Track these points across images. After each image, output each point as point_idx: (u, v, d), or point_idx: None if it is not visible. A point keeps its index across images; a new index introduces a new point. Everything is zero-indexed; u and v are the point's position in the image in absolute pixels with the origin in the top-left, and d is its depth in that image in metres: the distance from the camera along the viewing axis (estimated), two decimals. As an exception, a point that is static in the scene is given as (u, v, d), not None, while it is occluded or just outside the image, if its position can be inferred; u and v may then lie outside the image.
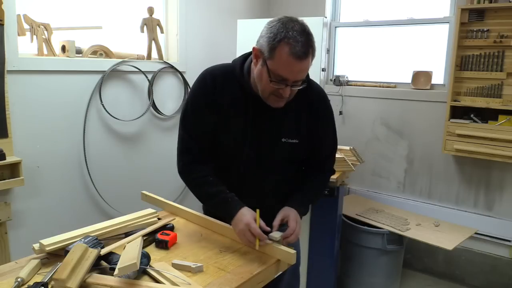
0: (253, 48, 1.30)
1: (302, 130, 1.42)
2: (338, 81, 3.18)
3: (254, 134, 1.39)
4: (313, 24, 2.64)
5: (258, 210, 1.31)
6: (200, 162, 1.42)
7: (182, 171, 1.44)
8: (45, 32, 2.11)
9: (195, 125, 1.41)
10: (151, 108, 2.64)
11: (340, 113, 3.20)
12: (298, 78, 1.26)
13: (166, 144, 2.82)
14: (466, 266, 2.85)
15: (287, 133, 1.40)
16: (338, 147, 1.78)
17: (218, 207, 1.38)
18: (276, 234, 1.29)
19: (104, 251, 1.17)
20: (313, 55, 1.26)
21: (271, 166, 1.44)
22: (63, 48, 2.19)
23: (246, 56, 1.42)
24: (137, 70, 2.49)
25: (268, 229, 1.31)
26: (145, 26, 2.53)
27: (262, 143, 1.40)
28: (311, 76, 1.42)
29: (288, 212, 1.38)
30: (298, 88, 1.29)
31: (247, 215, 1.29)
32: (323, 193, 1.62)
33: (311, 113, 1.42)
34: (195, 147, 1.41)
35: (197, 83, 1.43)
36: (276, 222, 1.34)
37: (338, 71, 3.31)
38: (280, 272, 1.31)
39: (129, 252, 1.10)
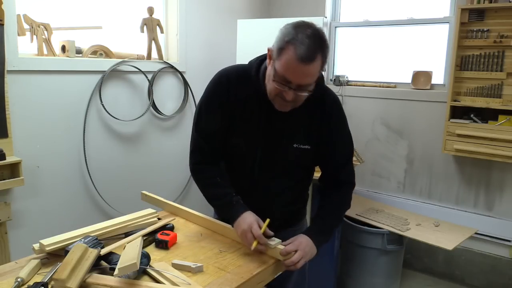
0: (267, 49, 1.29)
1: (314, 136, 1.40)
2: (338, 81, 3.18)
3: (267, 138, 1.39)
4: (313, 24, 2.65)
5: (268, 220, 1.31)
6: (211, 163, 1.45)
7: (193, 171, 1.47)
8: (45, 32, 2.11)
9: (207, 126, 1.42)
10: (151, 108, 2.64)
11: (340, 113, 3.20)
12: (301, 82, 1.22)
13: (166, 144, 2.82)
14: (466, 266, 2.85)
15: (299, 139, 1.39)
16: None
17: (223, 209, 1.41)
18: (272, 241, 1.28)
19: (104, 251, 1.17)
20: (323, 61, 1.22)
21: (282, 171, 1.44)
22: (63, 48, 2.19)
23: (263, 59, 1.40)
24: (137, 70, 2.49)
25: (272, 234, 1.30)
26: (145, 26, 2.53)
27: (274, 147, 1.39)
28: None
29: (296, 240, 1.31)
30: (303, 94, 1.25)
31: (250, 217, 1.31)
32: (345, 211, 1.51)
33: (323, 120, 1.40)
34: (207, 148, 1.43)
35: (211, 83, 1.42)
36: (283, 252, 1.27)
37: (338, 71, 3.31)
38: (280, 273, 1.31)
39: (129, 253, 1.10)
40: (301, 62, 1.17)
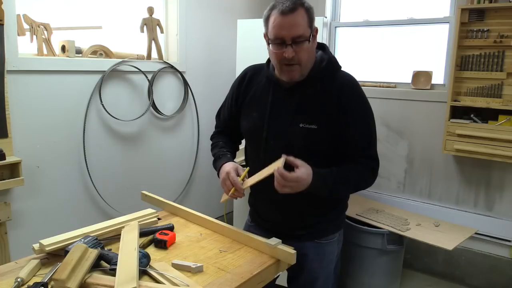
0: (263, 35, 1.38)
1: (322, 116, 1.36)
2: (338, 81, 3.17)
3: (272, 119, 1.42)
4: (313, 24, 2.65)
5: (247, 168, 1.41)
6: (222, 133, 1.67)
7: (211, 138, 1.71)
8: (45, 32, 2.11)
9: (224, 109, 1.65)
10: (151, 108, 2.64)
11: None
12: (292, 34, 1.27)
13: (166, 144, 2.82)
14: (466, 266, 2.85)
15: (305, 119, 1.37)
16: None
17: (214, 165, 1.54)
18: (272, 242, 1.28)
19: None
20: (308, 12, 1.30)
21: (290, 154, 1.37)
22: (63, 48, 2.19)
23: None
24: (137, 70, 2.49)
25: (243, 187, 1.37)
26: (145, 26, 2.53)
27: (280, 128, 1.41)
28: None
29: (305, 168, 1.26)
30: (301, 44, 1.28)
31: (228, 166, 1.41)
32: (356, 185, 1.43)
33: (332, 101, 1.37)
34: (222, 123, 1.67)
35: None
36: (291, 158, 1.26)
37: (338, 71, 3.31)
38: (280, 273, 1.30)
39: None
40: (284, 15, 1.27)
